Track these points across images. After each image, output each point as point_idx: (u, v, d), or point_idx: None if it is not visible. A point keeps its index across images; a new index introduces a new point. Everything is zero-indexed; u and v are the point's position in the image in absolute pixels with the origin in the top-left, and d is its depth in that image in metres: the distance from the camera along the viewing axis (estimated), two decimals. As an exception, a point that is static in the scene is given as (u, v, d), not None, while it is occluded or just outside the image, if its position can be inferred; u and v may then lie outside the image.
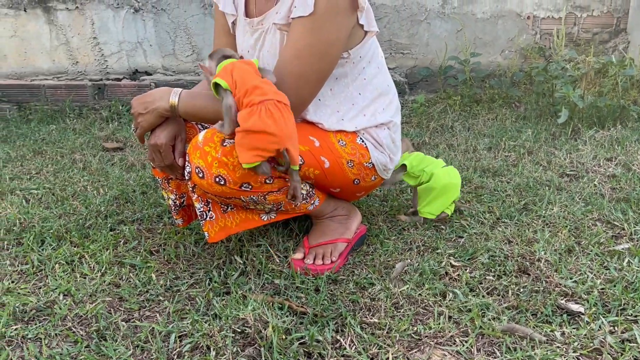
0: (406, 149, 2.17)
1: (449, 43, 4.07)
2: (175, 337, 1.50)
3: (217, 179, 1.64)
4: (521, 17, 4.08)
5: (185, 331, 1.54)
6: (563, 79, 3.42)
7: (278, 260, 1.91)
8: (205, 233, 1.80)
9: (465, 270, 1.83)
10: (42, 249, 1.99)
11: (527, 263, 1.85)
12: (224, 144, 1.63)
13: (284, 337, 1.48)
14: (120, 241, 2.06)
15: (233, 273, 1.83)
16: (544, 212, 2.22)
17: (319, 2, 1.64)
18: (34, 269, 1.87)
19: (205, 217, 1.79)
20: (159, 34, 3.95)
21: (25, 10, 3.88)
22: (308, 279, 1.79)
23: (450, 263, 1.88)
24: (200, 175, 1.65)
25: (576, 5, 4.08)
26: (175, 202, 1.97)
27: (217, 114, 1.66)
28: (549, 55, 3.90)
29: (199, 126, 1.91)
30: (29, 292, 1.73)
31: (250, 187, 1.68)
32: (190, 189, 1.76)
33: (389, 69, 4.11)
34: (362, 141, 1.87)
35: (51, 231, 2.09)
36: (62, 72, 3.99)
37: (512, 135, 3.21)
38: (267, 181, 1.68)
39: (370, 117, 1.87)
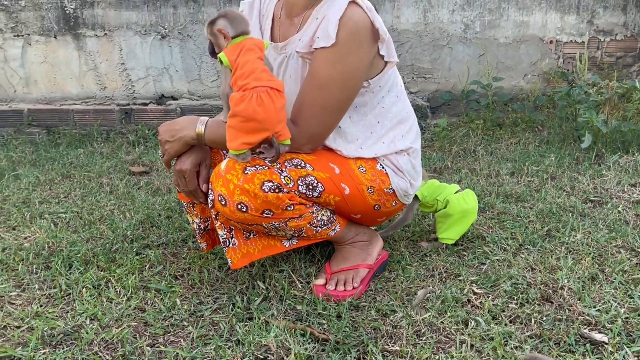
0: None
1: (471, 67, 4.08)
2: (199, 363, 1.53)
3: (239, 206, 1.67)
4: (544, 42, 4.09)
5: (209, 357, 1.56)
6: (586, 104, 3.41)
7: (300, 286, 1.93)
8: (229, 260, 1.83)
9: (488, 297, 1.83)
10: (70, 273, 2.03)
11: (550, 291, 1.84)
12: (246, 172, 1.66)
13: (306, 364, 1.50)
14: (146, 265, 2.10)
15: (256, 298, 1.85)
16: (567, 238, 2.21)
17: (341, 33, 1.68)
18: (62, 292, 1.91)
19: (228, 244, 1.82)
20: (185, 60, 4.03)
21: (55, 37, 3.98)
22: (330, 305, 1.80)
23: (473, 290, 1.88)
24: (223, 202, 1.68)
25: (599, 30, 4.07)
26: (199, 226, 2.00)
27: None
28: (572, 80, 3.89)
29: (225, 151, 1.95)
30: (57, 316, 1.77)
31: (271, 213, 1.70)
32: (214, 216, 1.80)
33: (411, 93, 4.14)
34: (382, 167, 1.89)
35: (79, 255, 2.14)
36: (91, 97, 4.08)
37: (535, 160, 3.20)
38: (288, 208, 1.71)
39: (389, 144, 1.89)
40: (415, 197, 2.14)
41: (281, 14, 1.92)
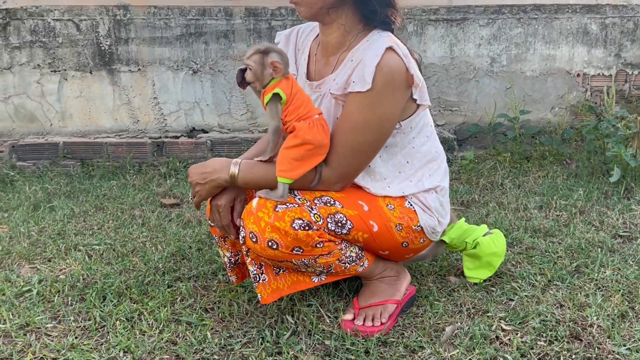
0: (450, 221, 2.17)
1: (498, 100, 4.11)
2: (230, 397, 1.55)
3: (270, 244, 1.71)
4: (571, 75, 4.10)
5: (239, 391, 1.58)
6: (614, 138, 3.41)
7: (328, 321, 1.95)
8: (259, 295, 1.86)
9: (516, 334, 1.83)
10: (104, 305, 2.08)
11: (579, 328, 1.84)
12: (277, 210, 1.70)
13: (335, 400, 1.51)
14: (177, 298, 2.14)
15: (285, 333, 1.88)
16: (596, 275, 2.20)
17: (377, 79, 1.72)
18: (96, 325, 1.95)
19: (258, 279, 1.85)
20: (215, 94, 4.12)
21: (91, 73, 4.11)
22: (358, 341, 1.82)
23: (501, 327, 1.88)
24: (254, 239, 1.72)
25: (627, 63, 4.08)
26: (230, 260, 2.04)
27: (276, 183, 1.75)
28: (599, 113, 3.89)
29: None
30: (91, 348, 1.82)
31: (301, 250, 1.74)
32: (245, 252, 1.83)
33: (438, 125, 4.17)
34: (411, 205, 1.91)
35: (112, 287, 2.19)
36: (124, 130, 4.18)
37: (564, 194, 3.19)
38: (317, 245, 1.74)
39: (417, 183, 1.92)
40: (442, 240, 2.14)
41: (317, 51, 1.97)
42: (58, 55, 4.08)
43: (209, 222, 1.99)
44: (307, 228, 1.71)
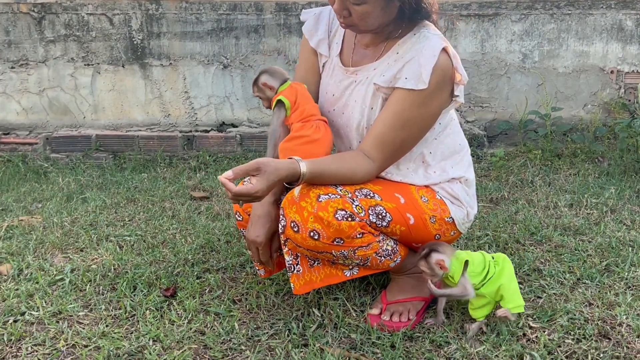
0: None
1: (529, 97, 4.06)
2: (256, 387, 1.57)
3: (312, 234, 1.71)
4: (604, 72, 4.04)
5: (265, 382, 1.60)
6: (648, 135, 3.35)
7: (355, 315, 1.96)
8: (292, 284, 1.86)
9: (544, 332, 1.82)
10: (134, 295, 2.12)
11: (608, 327, 1.82)
12: (320, 200, 1.71)
13: (360, 392, 1.52)
14: (206, 289, 2.17)
15: (311, 325, 1.89)
16: (626, 274, 2.18)
17: (432, 79, 1.75)
18: (127, 314, 1.99)
19: (293, 269, 1.85)
20: (245, 89, 4.15)
21: (123, 67, 4.17)
22: (384, 335, 1.83)
23: (529, 324, 1.87)
24: (296, 229, 1.73)
25: (663, 59, 4.01)
26: None
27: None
28: (633, 111, 3.82)
29: None
30: (122, 336, 1.86)
31: (342, 242, 1.74)
32: (283, 241, 1.83)
33: (468, 122, 4.14)
34: (441, 197, 1.92)
35: (142, 278, 2.23)
36: (155, 124, 4.24)
37: (595, 192, 3.15)
38: (357, 236, 1.75)
39: (441, 174, 1.94)
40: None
41: (356, 40, 1.96)
42: (91, 49, 4.15)
43: (236, 216, 2.02)
44: (349, 219, 1.71)
